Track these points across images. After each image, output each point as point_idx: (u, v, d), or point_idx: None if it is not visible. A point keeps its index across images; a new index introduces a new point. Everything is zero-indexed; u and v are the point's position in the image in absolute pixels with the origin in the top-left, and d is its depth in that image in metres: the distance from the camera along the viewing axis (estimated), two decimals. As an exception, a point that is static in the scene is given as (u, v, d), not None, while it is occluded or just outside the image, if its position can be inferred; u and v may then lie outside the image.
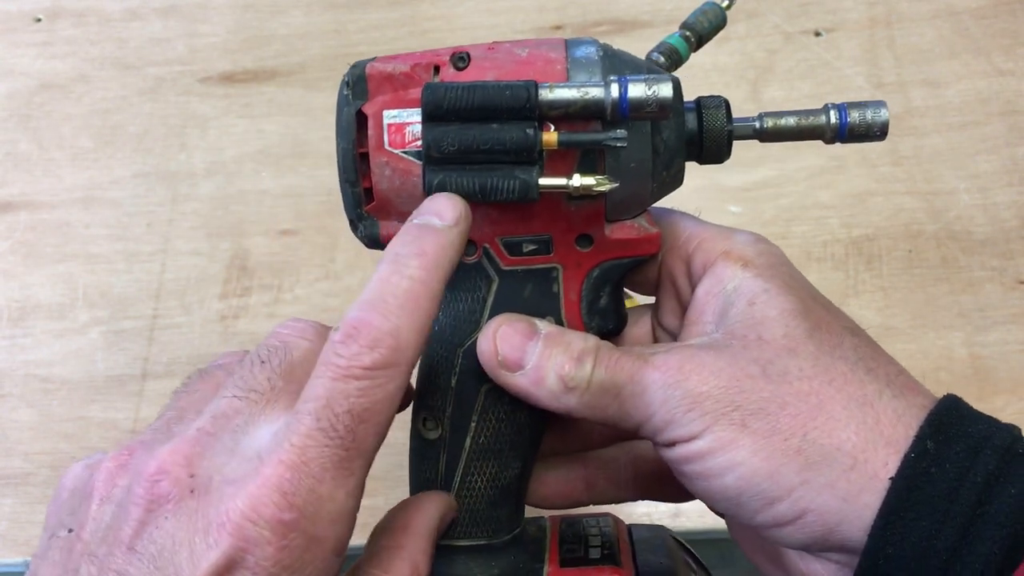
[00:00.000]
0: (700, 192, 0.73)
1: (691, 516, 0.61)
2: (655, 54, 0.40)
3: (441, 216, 0.33)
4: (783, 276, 0.37)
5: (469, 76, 0.35)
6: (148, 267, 0.74)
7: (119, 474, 0.31)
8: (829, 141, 0.37)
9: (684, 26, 0.41)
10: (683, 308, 0.39)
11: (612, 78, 0.33)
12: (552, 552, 0.41)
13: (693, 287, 0.38)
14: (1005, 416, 0.34)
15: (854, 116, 0.36)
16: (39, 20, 0.86)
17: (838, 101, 0.37)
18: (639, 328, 0.42)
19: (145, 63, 0.83)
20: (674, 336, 0.40)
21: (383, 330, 0.30)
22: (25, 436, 0.68)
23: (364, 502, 0.40)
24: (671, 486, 0.40)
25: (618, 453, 0.44)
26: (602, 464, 0.44)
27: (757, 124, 0.37)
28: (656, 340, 0.42)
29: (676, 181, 0.38)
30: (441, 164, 0.34)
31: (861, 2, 0.80)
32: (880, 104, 0.36)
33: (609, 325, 0.39)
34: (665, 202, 0.41)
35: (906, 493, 0.32)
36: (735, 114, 0.38)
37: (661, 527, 0.46)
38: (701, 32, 0.41)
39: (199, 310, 0.72)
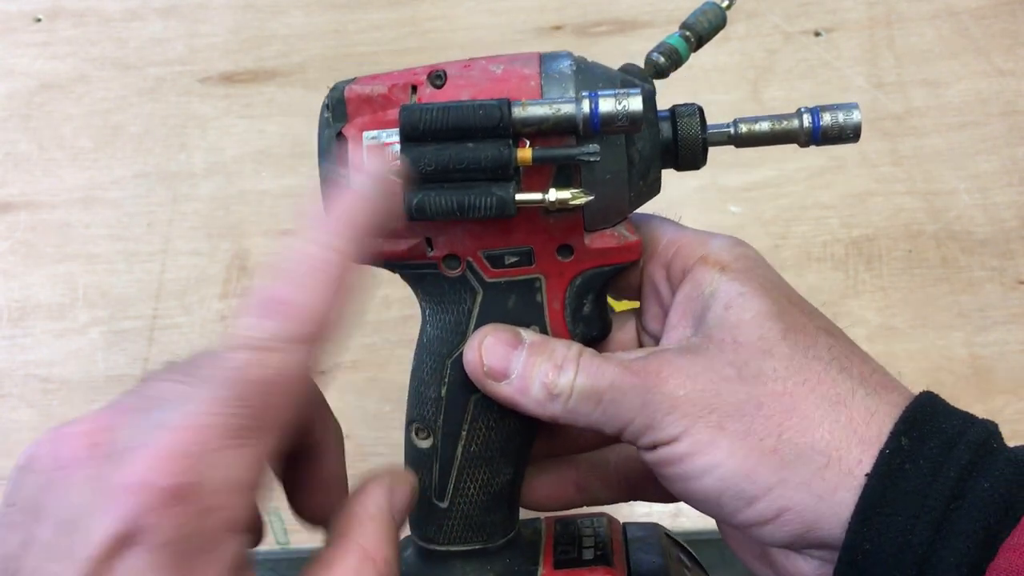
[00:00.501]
0: (700, 192, 0.73)
1: (691, 516, 0.61)
2: (655, 54, 0.40)
3: (357, 175, 0.33)
4: (759, 279, 0.37)
5: (446, 95, 0.36)
6: (148, 267, 0.74)
7: (47, 443, 0.31)
8: (803, 144, 0.37)
9: (684, 26, 0.41)
10: (665, 313, 0.40)
11: (584, 94, 0.34)
12: (547, 554, 0.42)
13: (673, 292, 0.39)
14: (1005, 416, 0.34)
15: (827, 119, 0.37)
16: (39, 20, 0.86)
17: (838, 101, 0.37)
18: (624, 333, 0.42)
19: (145, 63, 0.83)
20: (658, 340, 0.41)
21: (283, 299, 0.29)
22: (25, 436, 0.68)
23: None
24: (660, 487, 0.41)
25: (608, 455, 0.44)
26: (593, 466, 0.44)
27: (731, 130, 0.38)
28: (641, 344, 0.42)
29: (653, 190, 0.39)
30: (420, 183, 0.35)
31: (861, 2, 0.80)
32: (852, 106, 0.37)
33: (594, 332, 0.40)
34: (665, 203, 0.41)
35: (881, 490, 0.32)
36: (737, 114, 0.39)
37: (655, 525, 0.46)
38: (701, 32, 0.41)
39: (199, 310, 0.72)
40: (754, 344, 0.35)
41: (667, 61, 0.40)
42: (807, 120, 0.37)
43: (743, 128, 0.38)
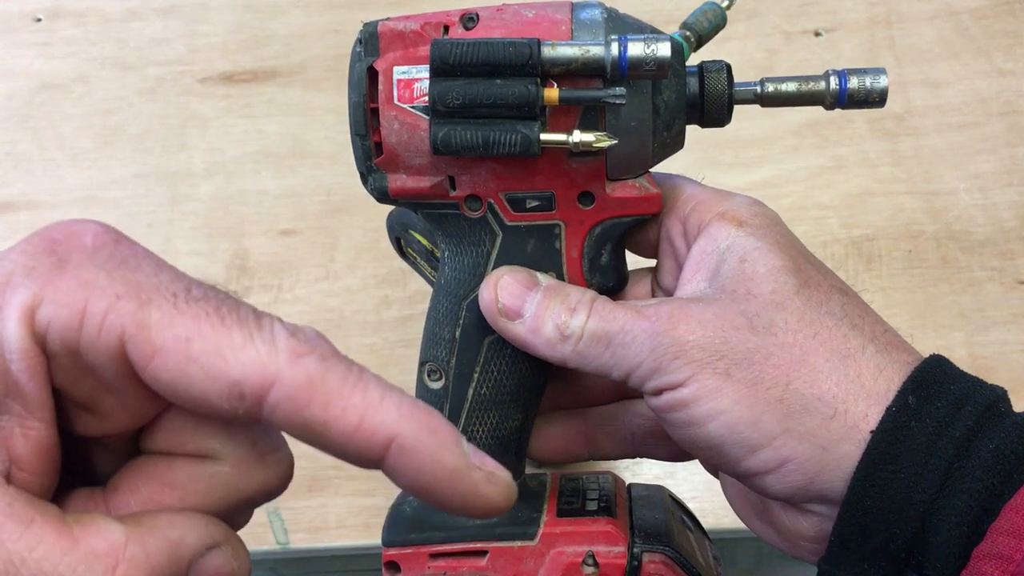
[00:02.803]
0: (700, 192, 0.73)
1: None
2: (655, 54, 0.40)
3: None
4: (775, 235, 0.38)
5: (477, 35, 0.36)
6: (148, 267, 0.74)
7: None
8: (829, 107, 0.38)
9: (684, 26, 0.41)
10: (680, 268, 0.40)
11: (613, 37, 0.34)
12: (551, 503, 0.43)
13: (689, 247, 0.39)
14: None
15: (854, 82, 0.38)
16: (39, 20, 0.86)
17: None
18: (639, 288, 0.43)
19: (145, 63, 0.83)
20: (672, 295, 0.41)
21: None
22: (25, 436, 0.68)
23: (364, 502, 0.39)
24: (668, 445, 0.42)
25: (618, 410, 0.45)
26: (602, 420, 0.45)
27: (758, 88, 0.39)
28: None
29: (677, 143, 0.39)
30: (447, 117, 0.35)
31: (861, 2, 0.80)
32: (880, 71, 0.37)
33: (610, 283, 0.40)
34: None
35: (886, 446, 0.32)
36: (736, 114, 0.39)
37: (660, 486, 0.47)
38: (701, 32, 0.41)
39: (199, 310, 0.72)
40: (767, 296, 0.35)
41: (667, 61, 0.40)
42: (834, 82, 0.38)
43: (770, 87, 0.38)
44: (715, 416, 0.34)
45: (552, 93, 0.34)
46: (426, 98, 0.36)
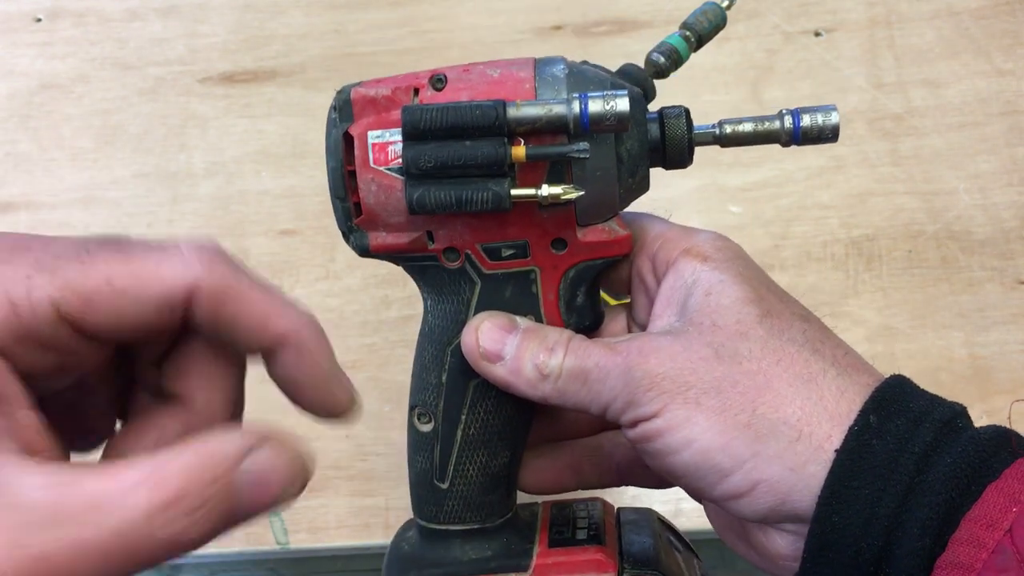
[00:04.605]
0: (700, 192, 0.73)
1: (691, 516, 0.62)
2: (655, 54, 0.41)
3: None
4: (738, 268, 0.39)
5: (446, 97, 0.37)
6: (148, 267, 0.74)
7: None
8: (785, 144, 0.40)
9: (684, 26, 0.41)
10: (652, 304, 0.41)
11: (574, 95, 0.36)
12: (542, 534, 0.44)
13: (659, 283, 0.41)
14: (1005, 416, 0.35)
15: (806, 120, 0.39)
16: (39, 20, 0.86)
17: (838, 101, 0.38)
18: (615, 325, 0.44)
19: (145, 63, 0.83)
20: (645, 330, 0.42)
21: None
22: (25, 436, 0.68)
23: (364, 502, 0.40)
24: (652, 473, 0.43)
25: (602, 441, 0.46)
26: (588, 452, 0.46)
27: (716, 131, 0.40)
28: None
29: (642, 187, 0.41)
30: (421, 179, 0.37)
31: (861, 2, 0.80)
32: (830, 108, 0.39)
33: (586, 322, 0.42)
34: (666, 202, 0.41)
35: (849, 464, 0.34)
36: (736, 114, 0.40)
37: (649, 510, 0.48)
38: (701, 32, 0.41)
39: (199, 310, 0.72)
40: (732, 327, 0.37)
41: (667, 61, 0.40)
42: (788, 121, 0.39)
43: (728, 129, 0.40)
44: (687, 444, 0.36)
45: (519, 151, 0.36)
46: (400, 160, 0.37)
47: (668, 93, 0.44)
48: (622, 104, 0.35)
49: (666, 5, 0.82)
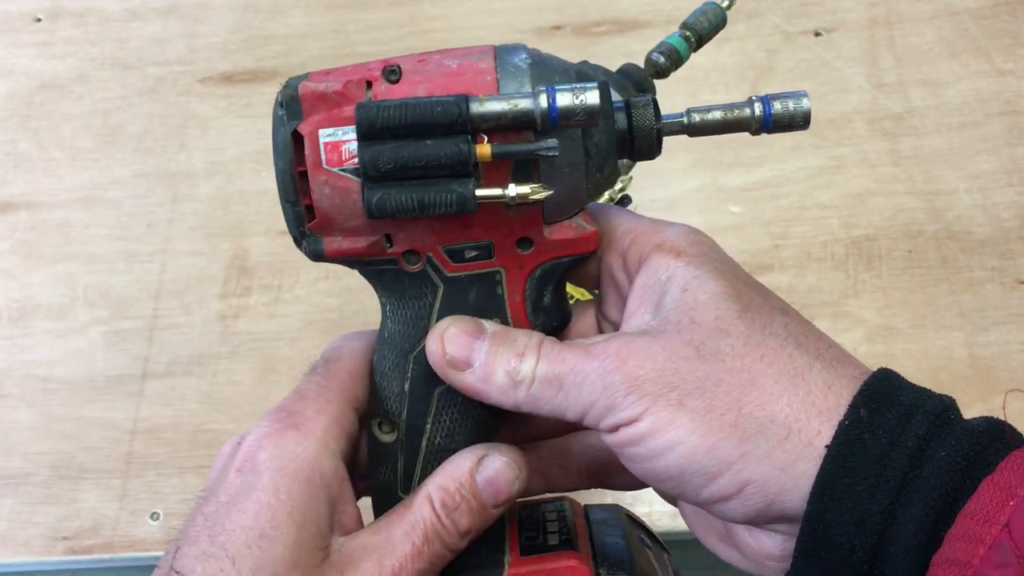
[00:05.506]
0: (700, 192, 0.73)
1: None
2: (655, 54, 0.40)
3: None
4: (714, 262, 0.38)
5: (402, 91, 0.35)
6: (148, 267, 0.74)
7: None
8: (755, 132, 0.38)
9: (684, 26, 0.41)
10: (623, 301, 0.40)
11: (540, 88, 0.34)
12: (512, 541, 0.42)
13: (630, 280, 0.39)
14: (1004, 416, 0.34)
15: (777, 107, 0.37)
16: (39, 20, 0.86)
17: (838, 101, 0.38)
18: (584, 322, 0.43)
19: (145, 63, 0.83)
20: (618, 328, 0.41)
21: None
22: (25, 436, 0.68)
23: (363, 502, 0.40)
24: (621, 475, 0.42)
25: (570, 444, 0.45)
26: (555, 454, 0.45)
27: (685, 120, 0.38)
28: (601, 332, 0.42)
29: (611, 180, 0.39)
30: (379, 181, 0.34)
31: (861, 2, 0.80)
32: (801, 94, 0.37)
33: (554, 322, 0.40)
34: (666, 203, 0.41)
35: (841, 460, 0.33)
36: None
37: (616, 506, 0.47)
38: (701, 32, 0.41)
39: (199, 310, 0.72)
40: (711, 323, 0.35)
41: (667, 61, 0.40)
42: (758, 108, 0.37)
43: (696, 117, 0.38)
44: (672, 447, 0.34)
45: (484, 149, 0.34)
46: (355, 160, 0.35)
47: (668, 93, 0.44)
48: (592, 97, 0.33)
49: (666, 5, 0.82)
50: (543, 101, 0.33)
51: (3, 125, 0.81)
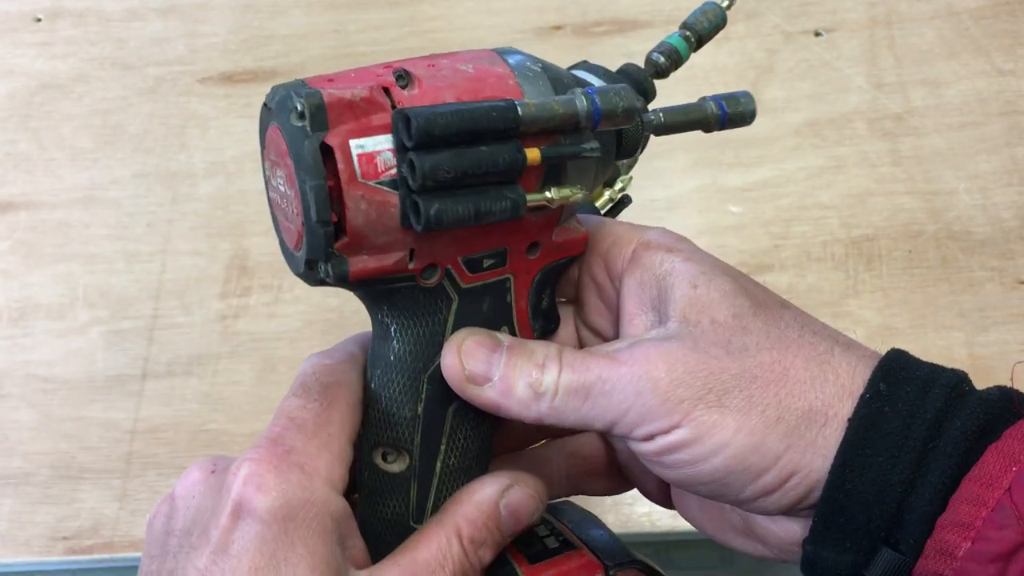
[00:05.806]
0: (700, 192, 0.73)
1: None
2: (655, 54, 0.40)
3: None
4: (709, 259, 0.38)
5: (427, 97, 0.34)
6: (148, 267, 0.74)
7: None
8: (708, 130, 0.39)
9: (684, 26, 0.41)
10: (607, 304, 0.40)
11: (579, 91, 0.34)
12: (513, 554, 0.42)
13: (613, 282, 0.39)
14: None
15: (731, 106, 0.39)
16: (39, 20, 0.86)
17: (838, 101, 0.38)
18: (563, 328, 0.42)
19: (145, 63, 0.83)
20: (600, 333, 0.41)
21: None
22: (25, 436, 0.68)
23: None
24: (604, 480, 0.43)
25: (551, 453, 0.44)
26: (537, 463, 0.44)
27: (655, 119, 0.39)
28: (580, 338, 0.42)
29: (611, 180, 0.40)
30: (431, 192, 0.32)
31: (861, 2, 0.80)
32: (747, 94, 0.40)
33: (551, 326, 0.40)
34: (666, 203, 0.41)
35: (863, 431, 0.33)
36: None
37: (569, 501, 0.46)
38: (701, 32, 0.41)
39: (199, 310, 0.72)
40: (731, 322, 0.35)
41: (667, 61, 0.40)
42: (714, 108, 0.39)
43: (664, 117, 0.39)
44: (719, 450, 0.34)
45: (534, 153, 0.33)
46: (392, 171, 0.33)
47: (668, 93, 0.44)
48: (630, 98, 0.34)
49: (666, 5, 0.82)
50: (587, 103, 0.34)
51: (3, 125, 0.81)
